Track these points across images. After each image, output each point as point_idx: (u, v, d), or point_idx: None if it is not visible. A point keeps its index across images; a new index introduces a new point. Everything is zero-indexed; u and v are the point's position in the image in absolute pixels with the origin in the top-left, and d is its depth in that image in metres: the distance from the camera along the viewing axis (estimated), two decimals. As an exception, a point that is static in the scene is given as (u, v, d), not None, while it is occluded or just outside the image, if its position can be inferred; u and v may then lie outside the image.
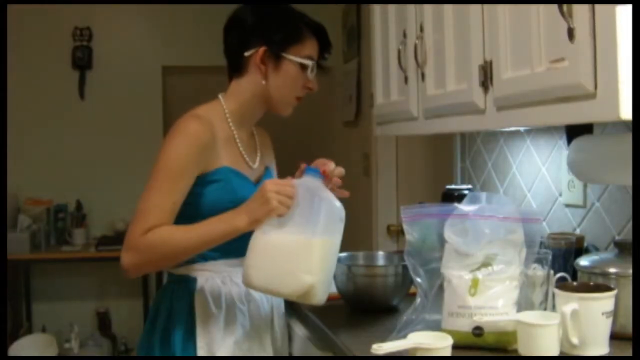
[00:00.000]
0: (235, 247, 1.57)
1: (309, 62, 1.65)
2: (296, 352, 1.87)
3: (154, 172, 1.54)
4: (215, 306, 1.61)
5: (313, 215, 1.47)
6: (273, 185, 1.47)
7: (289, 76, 1.65)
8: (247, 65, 1.66)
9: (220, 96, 1.71)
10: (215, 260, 1.64)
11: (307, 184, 1.50)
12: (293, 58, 1.64)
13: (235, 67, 1.68)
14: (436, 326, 1.46)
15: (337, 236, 1.51)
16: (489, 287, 1.42)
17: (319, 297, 1.48)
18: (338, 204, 1.49)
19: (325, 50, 1.72)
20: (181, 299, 1.62)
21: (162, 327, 1.63)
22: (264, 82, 1.64)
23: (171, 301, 1.64)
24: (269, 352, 1.70)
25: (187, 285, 1.63)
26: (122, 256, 1.50)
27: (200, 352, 1.58)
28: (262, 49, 1.63)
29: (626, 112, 1.11)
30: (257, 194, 1.49)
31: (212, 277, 1.64)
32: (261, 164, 1.75)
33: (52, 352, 3.85)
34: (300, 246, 1.46)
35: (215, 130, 1.61)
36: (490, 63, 1.54)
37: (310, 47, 1.67)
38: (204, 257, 1.63)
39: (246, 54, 1.64)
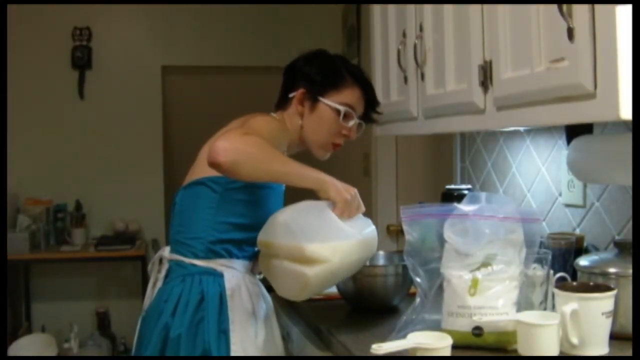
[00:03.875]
0: (254, 254, 1.69)
1: (342, 108, 1.73)
2: (296, 352, 1.87)
3: (247, 123, 1.62)
4: (246, 301, 1.67)
5: (362, 229, 1.56)
6: (357, 195, 1.56)
7: (323, 119, 1.74)
8: (289, 104, 1.77)
9: (273, 115, 1.79)
10: (239, 259, 1.70)
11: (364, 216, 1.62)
12: (327, 102, 1.73)
13: (281, 104, 1.80)
14: (436, 326, 1.46)
15: (362, 258, 1.57)
16: (489, 287, 1.42)
17: (312, 286, 1.48)
18: (376, 243, 1.61)
19: (371, 106, 1.82)
20: (212, 290, 1.65)
21: (190, 315, 1.63)
22: (300, 121, 1.75)
23: (201, 291, 1.65)
24: (279, 349, 1.76)
25: (215, 278, 1.66)
26: (219, 141, 1.45)
27: (234, 348, 1.62)
28: (301, 91, 1.74)
29: (626, 112, 1.11)
30: (344, 184, 1.54)
31: (235, 274, 1.69)
32: None
33: (52, 352, 3.85)
34: (344, 234, 1.50)
35: None
36: (490, 63, 1.54)
37: (350, 95, 1.76)
38: (229, 254, 1.68)
39: (290, 95, 1.76)
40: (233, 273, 1.68)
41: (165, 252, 1.75)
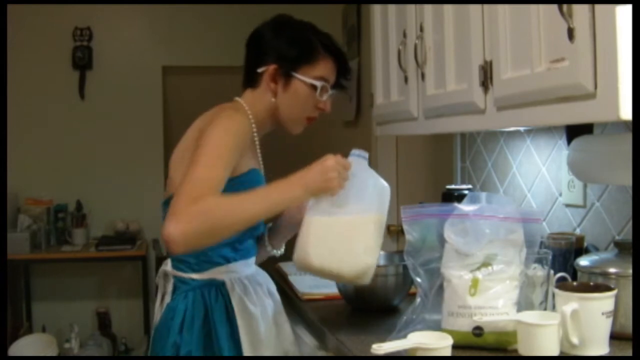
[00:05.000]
0: (252, 247, 1.69)
1: (318, 83, 1.66)
2: (297, 353, 1.87)
3: (200, 150, 1.49)
4: (252, 304, 1.64)
5: (367, 193, 1.52)
6: (335, 162, 1.48)
7: (298, 95, 1.66)
8: (259, 81, 1.68)
9: (238, 99, 1.72)
10: (237, 262, 1.67)
11: (356, 164, 1.54)
12: (303, 78, 1.65)
13: (249, 81, 1.71)
14: (436, 326, 1.46)
15: (386, 213, 1.56)
16: (489, 287, 1.42)
17: (371, 276, 1.52)
18: (385, 182, 1.56)
19: (343, 74, 1.74)
20: (216, 301, 1.63)
21: (197, 330, 1.60)
22: (272, 99, 1.66)
23: (205, 304, 1.62)
24: (291, 340, 1.74)
25: (217, 288, 1.64)
26: (168, 226, 1.35)
27: (246, 352, 1.60)
28: (272, 67, 1.65)
29: (626, 112, 1.11)
30: (317, 168, 1.48)
31: (237, 278, 1.66)
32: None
33: (52, 352, 3.85)
34: (359, 225, 1.50)
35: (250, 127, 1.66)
36: (490, 63, 1.54)
37: (324, 68, 1.68)
38: (226, 259, 1.65)
39: (259, 70, 1.67)
40: (234, 278, 1.65)
41: (168, 266, 1.71)
